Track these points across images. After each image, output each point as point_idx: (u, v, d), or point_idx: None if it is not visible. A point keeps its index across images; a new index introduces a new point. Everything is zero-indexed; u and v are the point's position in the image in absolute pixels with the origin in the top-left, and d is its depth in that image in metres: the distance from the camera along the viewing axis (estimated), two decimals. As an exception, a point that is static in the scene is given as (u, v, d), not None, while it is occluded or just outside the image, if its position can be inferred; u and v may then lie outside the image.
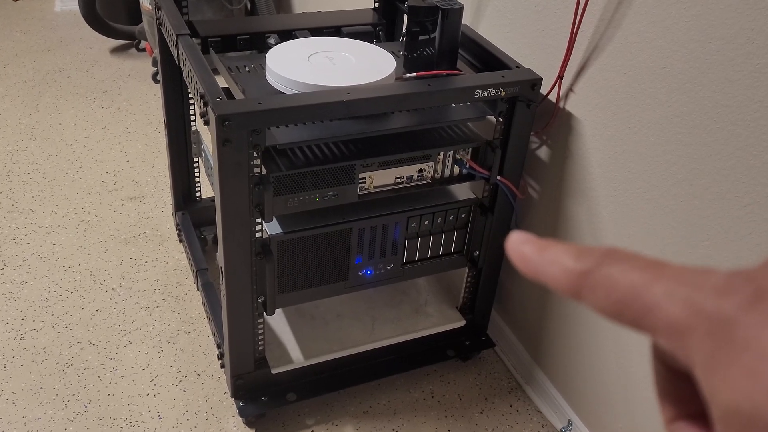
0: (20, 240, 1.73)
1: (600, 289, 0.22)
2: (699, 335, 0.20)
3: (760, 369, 0.18)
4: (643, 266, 0.22)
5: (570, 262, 0.23)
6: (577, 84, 1.14)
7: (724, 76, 0.88)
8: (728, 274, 0.21)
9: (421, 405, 1.38)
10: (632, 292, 0.22)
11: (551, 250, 0.24)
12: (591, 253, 0.23)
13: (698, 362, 0.20)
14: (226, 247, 1.07)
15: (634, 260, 0.22)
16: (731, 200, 0.91)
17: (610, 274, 0.22)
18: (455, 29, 1.15)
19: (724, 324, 0.19)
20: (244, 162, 1.00)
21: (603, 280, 0.22)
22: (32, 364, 1.41)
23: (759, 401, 0.18)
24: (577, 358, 1.27)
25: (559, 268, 0.24)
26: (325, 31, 1.35)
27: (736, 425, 0.18)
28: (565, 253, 0.24)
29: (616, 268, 0.22)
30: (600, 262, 0.23)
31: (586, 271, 0.23)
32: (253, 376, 1.25)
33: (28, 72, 2.52)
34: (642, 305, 0.21)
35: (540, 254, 0.24)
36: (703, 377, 0.20)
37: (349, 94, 1.01)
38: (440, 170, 1.17)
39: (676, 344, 0.21)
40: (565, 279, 0.23)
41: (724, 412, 0.19)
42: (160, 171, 2.02)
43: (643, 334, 0.22)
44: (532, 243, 0.25)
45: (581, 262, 0.23)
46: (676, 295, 0.21)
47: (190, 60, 1.10)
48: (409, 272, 1.25)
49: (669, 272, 0.21)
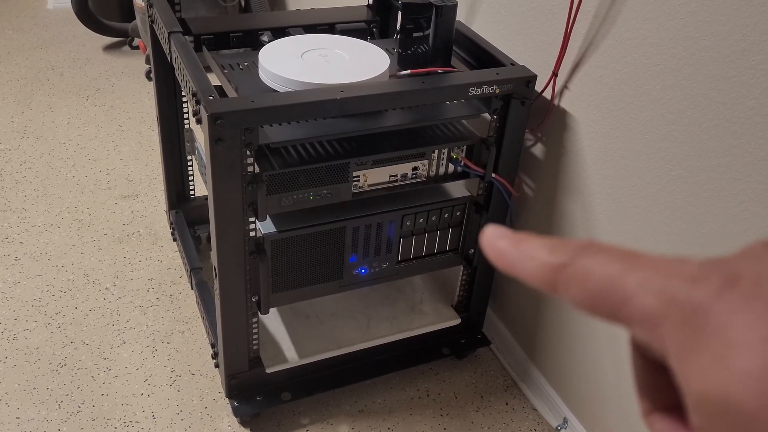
0: (13, 239, 1.72)
1: (575, 282, 0.22)
2: (672, 324, 0.20)
3: (728, 355, 0.18)
4: (618, 258, 0.22)
5: (545, 256, 0.23)
6: (571, 81, 1.13)
7: (719, 73, 0.88)
8: (701, 262, 0.21)
9: (417, 403, 1.38)
10: (607, 284, 0.21)
11: (526, 244, 0.24)
12: (566, 247, 0.23)
13: (672, 351, 0.20)
14: (219, 246, 1.06)
15: (608, 252, 0.22)
16: (727, 197, 0.90)
17: (585, 267, 0.22)
18: (449, 26, 1.14)
19: (696, 312, 0.19)
20: (237, 161, 0.99)
21: (578, 273, 0.22)
22: (25, 365, 1.40)
23: (728, 387, 0.18)
24: (573, 356, 1.27)
25: (534, 263, 0.24)
26: (318, 28, 1.34)
27: (708, 412, 0.19)
28: (540, 247, 0.24)
29: (590, 260, 0.22)
30: (575, 255, 0.23)
31: (561, 265, 0.23)
32: (247, 376, 1.24)
33: (21, 70, 2.51)
34: (617, 297, 0.21)
35: (515, 248, 0.24)
36: (677, 366, 0.20)
37: (342, 92, 1.00)
38: (435, 168, 1.16)
39: (651, 334, 0.21)
40: (541, 273, 0.23)
41: (696, 399, 0.19)
42: (153, 169, 2.01)
43: (621, 326, 0.22)
44: (508, 237, 0.25)
45: (556, 255, 0.23)
46: (650, 285, 0.21)
47: (183, 58, 1.10)
48: (404, 270, 1.25)
49: (643, 263, 0.21)
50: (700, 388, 0.19)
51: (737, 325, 0.18)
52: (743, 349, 0.18)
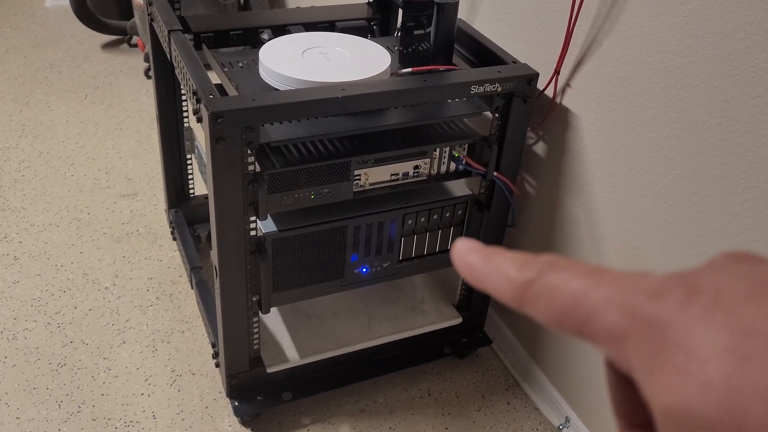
0: (12, 238, 1.71)
1: (541, 298, 0.22)
2: (636, 339, 0.20)
3: (689, 367, 0.18)
4: (583, 273, 0.22)
5: (513, 272, 0.23)
6: (573, 79, 1.13)
7: (722, 71, 0.87)
8: (664, 276, 0.21)
9: (418, 403, 1.38)
10: (572, 300, 0.21)
11: (495, 259, 0.24)
12: (534, 263, 0.23)
13: (637, 367, 0.20)
14: (220, 245, 1.06)
15: (574, 268, 0.22)
16: (730, 196, 0.90)
17: (551, 283, 0.22)
18: (451, 24, 1.14)
19: (658, 326, 0.19)
20: (237, 159, 0.98)
21: (544, 290, 0.22)
22: (25, 364, 1.40)
23: (690, 399, 0.18)
24: (575, 355, 1.27)
25: (502, 278, 0.24)
26: (318, 26, 1.33)
27: (674, 426, 0.18)
28: (508, 263, 0.24)
29: (556, 276, 0.22)
30: (541, 272, 0.23)
31: (528, 281, 0.23)
32: (248, 376, 1.24)
33: (19, 68, 2.50)
34: (582, 313, 0.21)
35: (485, 263, 0.24)
36: (642, 381, 0.20)
37: (344, 91, 1.00)
38: (436, 166, 1.16)
39: (616, 351, 0.21)
40: (509, 289, 0.23)
41: (662, 413, 0.19)
42: (152, 168, 2.00)
43: (588, 343, 0.22)
44: (478, 252, 0.25)
45: (524, 272, 0.23)
46: (613, 301, 0.21)
47: (183, 56, 1.09)
48: (405, 270, 1.24)
49: (608, 278, 0.21)
50: (665, 402, 0.19)
51: (697, 337, 0.18)
52: (704, 360, 0.18)
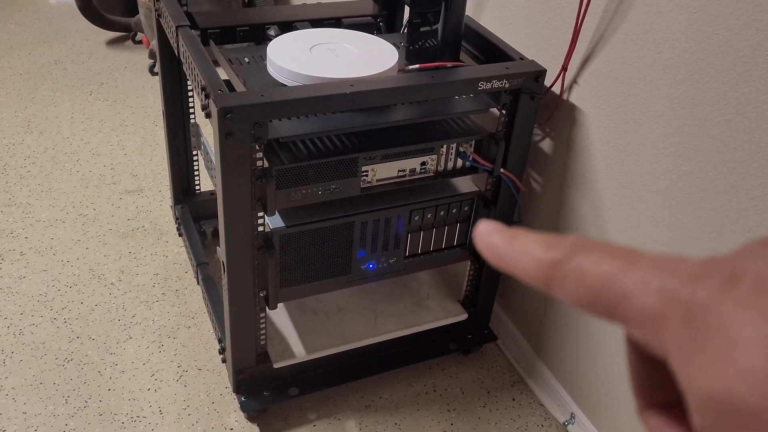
0: (18, 234, 1.72)
1: (571, 279, 0.22)
2: (673, 324, 0.19)
3: (733, 354, 0.18)
4: (615, 255, 0.21)
5: (540, 253, 0.23)
6: (581, 76, 1.13)
7: (732, 67, 0.87)
8: (702, 260, 0.20)
9: (424, 399, 1.38)
10: (604, 283, 0.21)
11: (521, 239, 0.24)
12: (561, 243, 0.23)
13: (673, 351, 0.20)
14: (227, 241, 1.06)
15: (605, 249, 0.22)
16: (739, 193, 0.90)
17: (581, 265, 0.22)
18: (458, 20, 1.14)
19: (698, 311, 0.19)
20: (246, 155, 0.98)
21: (574, 271, 0.22)
22: (32, 359, 1.40)
23: (734, 387, 0.18)
24: (580, 351, 1.27)
25: (528, 259, 0.23)
26: (325, 22, 1.33)
27: (713, 413, 0.18)
28: (535, 243, 0.23)
29: (587, 258, 0.22)
30: (571, 252, 0.22)
31: (556, 262, 0.22)
32: (254, 371, 1.24)
33: (24, 64, 2.50)
34: (614, 295, 0.21)
35: (509, 244, 0.24)
36: (679, 366, 0.19)
37: (352, 87, 1.00)
38: (443, 163, 1.16)
39: (650, 334, 0.20)
40: (535, 270, 0.23)
41: (700, 400, 0.19)
42: (158, 164, 2.01)
43: (617, 324, 0.21)
44: (501, 232, 0.24)
45: (551, 252, 0.23)
46: (649, 284, 0.20)
47: (191, 52, 1.09)
48: (411, 266, 1.24)
49: (641, 261, 0.21)
50: (704, 388, 0.18)
51: (741, 324, 0.18)
52: (748, 347, 0.18)
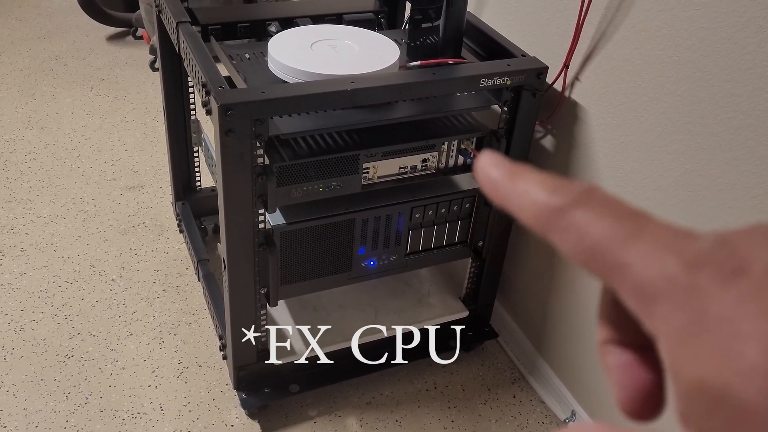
0: (18, 230, 1.72)
1: (571, 232, 0.21)
2: (670, 304, 0.18)
3: (732, 347, 0.17)
4: (623, 216, 0.20)
5: (542, 196, 0.21)
6: (583, 73, 1.12)
7: (735, 65, 0.87)
8: (710, 241, 0.19)
9: (424, 396, 1.38)
10: (605, 244, 0.20)
11: (524, 177, 0.22)
12: (568, 189, 0.21)
13: (665, 332, 0.19)
14: (228, 238, 1.06)
15: (614, 207, 0.20)
16: (741, 191, 0.90)
17: (586, 218, 0.20)
18: (460, 17, 1.14)
19: (700, 297, 0.18)
20: (246, 152, 0.98)
21: (576, 223, 0.20)
22: (32, 356, 1.40)
23: (729, 379, 0.17)
24: (581, 349, 1.27)
25: (529, 200, 0.22)
26: (326, 18, 1.33)
27: (703, 402, 0.18)
28: (538, 185, 0.22)
29: (592, 212, 0.20)
30: (576, 201, 0.21)
31: (559, 209, 0.21)
32: (255, 368, 1.24)
33: (24, 60, 2.50)
34: (614, 260, 0.20)
35: (511, 181, 0.22)
36: (669, 349, 0.19)
37: (353, 83, 1.00)
38: (444, 160, 1.16)
39: (644, 309, 0.19)
40: (535, 213, 0.21)
41: (690, 387, 0.18)
42: (158, 160, 2.00)
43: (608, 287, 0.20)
44: (503, 167, 0.23)
45: (555, 197, 0.21)
46: (651, 257, 0.19)
47: (192, 48, 1.09)
48: (412, 263, 1.24)
49: (648, 230, 0.20)
50: (697, 377, 0.18)
51: (743, 317, 0.17)
52: (749, 342, 0.17)
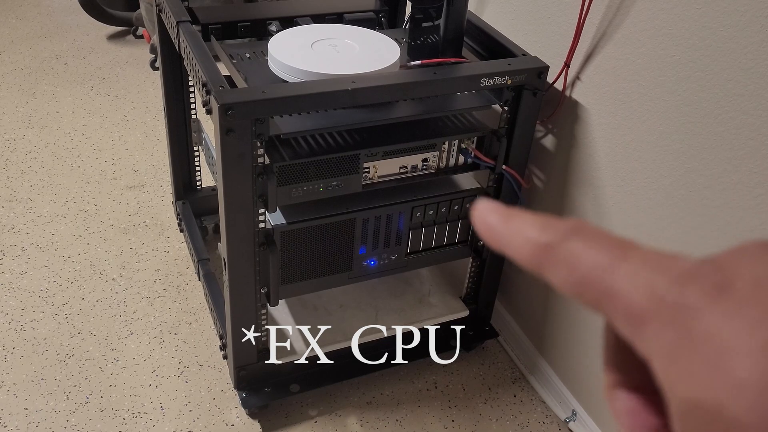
0: (19, 229, 1.72)
1: (562, 265, 0.22)
2: (659, 324, 0.19)
3: (721, 363, 0.17)
4: (610, 246, 0.21)
5: (534, 234, 0.23)
6: (584, 72, 1.12)
7: (736, 64, 0.86)
8: (696, 261, 0.20)
9: (425, 395, 1.38)
10: (594, 273, 0.21)
11: (516, 220, 0.23)
12: (557, 226, 0.22)
13: (656, 352, 0.19)
14: (228, 238, 1.05)
15: (600, 238, 0.21)
16: (742, 190, 0.89)
17: (575, 251, 0.21)
18: (460, 16, 1.13)
19: (686, 314, 0.18)
20: (247, 152, 0.98)
21: (566, 256, 0.21)
22: (33, 355, 1.40)
23: (722, 397, 0.17)
24: (581, 349, 1.27)
25: (522, 240, 0.23)
26: (326, 17, 1.33)
27: (698, 419, 0.18)
28: (529, 225, 0.23)
29: (581, 244, 0.21)
30: (566, 236, 0.22)
31: (549, 245, 0.22)
32: (255, 367, 1.24)
33: (25, 59, 2.49)
34: (603, 288, 0.20)
35: (505, 224, 0.24)
36: (661, 368, 0.19)
37: (354, 83, 0.99)
38: (445, 159, 1.16)
39: (635, 333, 0.20)
40: (528, 251, 0.23)
41: (683, 406, 0.18)
42: (159, 159, 2.00)
43: (603, 316, 0.21)
44: (498, 212, 0.24)
45: (546, 234, 0.22)
46: (638, 280, 0.20)
47: (192, 47, 1.09)
48: (413, 262, 1.24)
49: (635, 255, 0.20)
50: (688, 395, 0.18)
51: (733, 332, 0.17)
52: (737, 357, 0.17)
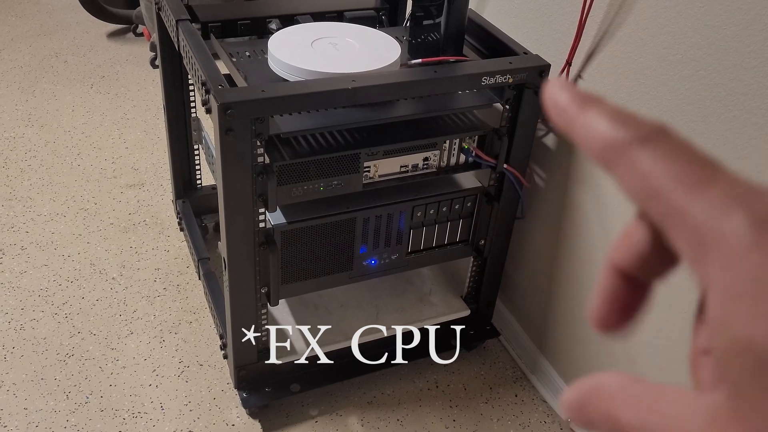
0: (18, 228, 1.71)
1: (636, 169, 0.20)
2: (729, 258, 0.18)
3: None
4: (694, 161, 0.19)
5: (610, 128, 0.21)
6: (585, 71, 1.11)
7: (739, 63, 0.86)
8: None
9: (426, 395, 1.37)
10: (671, 187, 0.19)
11: (593, 107, 0.22)
12: (638, 125, 0.21)
13: (720, 284, 0.18)
14: (228, 237, 1.05)
15: (685, 150, 0.20)
16: (745, 190, 0.89)
17: (653, 157, 0.20)
18: (461, 14, 1.13)
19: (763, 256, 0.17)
20: (247, 151, 0.97)
21: (642, 161, 0.20)
22: (33, 355, 1.40)
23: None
24: (583, 348, 1.26)
25: (596, 131, 0.21)
26: (327, 16, 1.32)
27: (748, 362, 0.17)
28: (608, 116, 0.21)
29: (662, 151, 0.20)
30: (645, 139, 0.20)
31: (626, 143, 0.20)
32: (256, 367, 1.23)
33: (24, 57, 2.49)
34: (675, 208, 0.19)
35: (579, 109, 0.22)
36: (719, 302, 0.18)
37: (354, 82, 0.99)
38: (446, 158, 1.15)
39: (698, 257, 0.18)
40: (600, 145, 0.21)
41: (737, 344, 0.17)
42: (159, 158, 2.00)
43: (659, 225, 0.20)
44: (573, 93, 0.22)
45: (624, 131, 0.20)
46: (719, 207, 0.18)
47: (191, 46, 1.08)
48: (413, 262, 1.24)
49: (720, 178, 0.19)
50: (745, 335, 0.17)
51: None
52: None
